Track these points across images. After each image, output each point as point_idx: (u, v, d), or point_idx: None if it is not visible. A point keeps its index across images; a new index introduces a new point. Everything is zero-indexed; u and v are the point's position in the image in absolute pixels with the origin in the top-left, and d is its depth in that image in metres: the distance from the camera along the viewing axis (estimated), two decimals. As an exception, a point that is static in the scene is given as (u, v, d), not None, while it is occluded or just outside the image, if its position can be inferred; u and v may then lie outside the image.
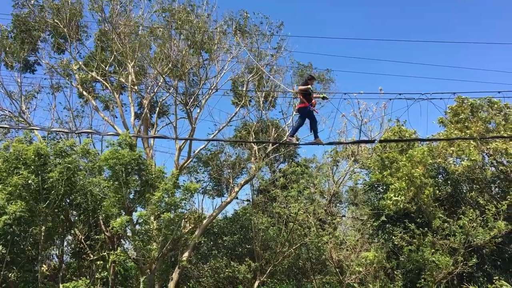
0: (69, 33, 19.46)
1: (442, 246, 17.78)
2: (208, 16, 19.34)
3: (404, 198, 18.14)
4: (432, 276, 17.36)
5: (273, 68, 21.95)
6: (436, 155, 20.19)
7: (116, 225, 13.83)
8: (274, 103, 23.03)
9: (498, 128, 19.73)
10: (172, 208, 15.11)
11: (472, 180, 20.80)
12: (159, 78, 19.80)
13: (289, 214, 19.58)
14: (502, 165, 20.29)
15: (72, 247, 19.10)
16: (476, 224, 17.69)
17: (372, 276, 18.84)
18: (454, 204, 20.28)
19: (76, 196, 15.45)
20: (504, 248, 18.67)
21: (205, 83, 20.03)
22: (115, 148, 14.53)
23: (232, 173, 22.83)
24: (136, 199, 15.38)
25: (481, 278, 18.40)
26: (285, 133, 22.10)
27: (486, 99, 20.33)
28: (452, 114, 20.89)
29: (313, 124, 12.67)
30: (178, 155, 20.17)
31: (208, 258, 21.14)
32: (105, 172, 15.69)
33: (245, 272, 19.18)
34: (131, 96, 20.54)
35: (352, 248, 19.31)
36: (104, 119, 20.64)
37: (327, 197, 22.66)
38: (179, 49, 19.06)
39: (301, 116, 12.64)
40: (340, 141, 14.17)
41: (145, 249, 14.89)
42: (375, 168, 20.51)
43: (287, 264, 20.52)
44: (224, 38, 19.89)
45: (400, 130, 20.21)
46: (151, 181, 15.17)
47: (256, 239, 19.72)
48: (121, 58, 19.86)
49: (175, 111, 20.64)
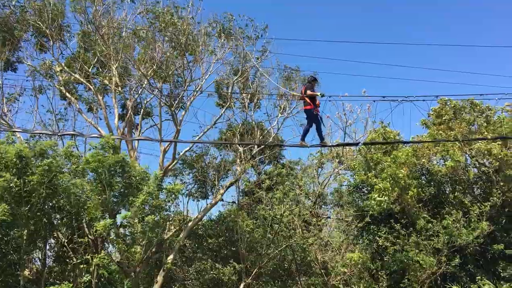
0: (52, 34, 19.23)
1: (426, 247, 17.95)
2: (192, 18, 19.28)
3: (388, 198, 18.29)
4: (416, 277, 17.52)
5: (259, 70, 21.98)
6: (420, 156, 20.39)
7: (99, 227, 13.71)
8: (259, 105, 23.05)
9: (480, 130, 20.02)
10: (156, 211, 15.02)
11: (455, 181, 21.05)
12: (143, 80, 19.67)
13: (275, 216, 19.60)
14: (484, 166, 20.57)
15: (55, 250, 18.85)
16: (459, 225, 17.91)
17: (357, 277, 18.95)
18: (437, 205, 20.47)
19: (59, 199, 15.24)
20: (487, 248, 18.89)
21: (190, 85, 19.95)
22: (96, 151, 14.39)
23: (217, 175, 22.77)
24: (120, 201, 15.26)
25: (464, 278, 18.58)
26: (270, 135, 22.13)
27: (468, 101, 20.62)
28: (435, 116, 21.14)
29: (319, 127, 12.92)
30: (163, 157, 20.06)
31: (193, 261, 21.05)
32: (88, 174, 15.53)
33: (230, 275, 19.15)
34: (115, 97, 20.37)
35: (337, 249, 19.42)
36: (88, 121, 20.44)
37: (312, 198, 22.75)
38: (163, 51, 18.96)
39: (308, 118, 12.95)
40: (325, 144, 14.22)
41: (129, 252, 14.77)
42: (360, 170, 20.64)
43: (272, 266, 20.54)
44: (209, 40, 19.84)
45: (385, 131, 20.39)
46: (135, 184, 15.06)
47: (241, 241, 19.69)
48: (105, 60, 19.69)
49: (160, 113, 20.54)
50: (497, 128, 19.63)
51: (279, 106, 21.95)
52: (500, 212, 19.92)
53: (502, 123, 19.78)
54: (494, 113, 20.88)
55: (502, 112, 20.96)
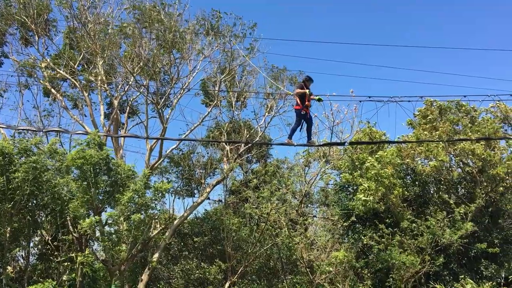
0: (37, 29, 18.99)
1: (410, 246, 18.13)
2: (179, 15, 19.17)
3: (373, 198, 18.42)
4: (400, 275, 17.68)
5: (246, 69, 21.97)
6: (405, 155, 20.57)
7: (84, 225, 13.59)
8: (246, 103, 23.06)
9: (465, 130, 20.26)
10: (142, 209, 14.94)
11: (439, 181, 21.28)
12: (129, 77, 19.52)
13: (261, 214, 19.62)
14: (468, 166, 20.82)
15: (39, 248, 18.67)
16: (443, 224, 18.12)
17: (342, 275, 19.05)
18: (422, 205, 20.68)
19: (43, 196, 15.09)
20: (470, 248, 19.14)
21: (176, 82, 19.86)
22: (82, 148, 14.25)
23: (204, 173, 22.72)
24: (105, 199, 15.13)
25: (447, 277, 18.81)
26: (258, 134, 22.14)
27: (454, 101, 20.86)
28: (421, 116, 21.34)
29: (307, 126, 13.14)
30: (149, 155, 19.96)
31: (178, 259, 20.97)
32: (73, 172, 15.38)
33: (216, 273, 19.13)
34: (101, 94, 20.20)
35: (323, 248, 19.49)
36: (73, 118, 20.23)
37: (298, 197, 22.79)
38: (150, 48, 18.84)
39: (297, 117, 13.04)
40: (312, 143, 14.31)
41: (114, 250, 14.67)
42: (346, 169, 20.75)
43: (258, 264, 20.57)
44: (196, 38, 19.76)
45: (371, 131, 20.52)
46: (121, 181, 14.95)
47: (227, 239, 19.68)
48: (90, 56, 19.50)
49: (146, 110, 20.42)
50: (481, 129, 19.89)
51: (266, 105, 21.97)
52: (483, 212, 20.21)
53: (486, 124, 20.05)
54: (479, 114, 21.15)
55: (486, 113, 21.25)
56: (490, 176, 19.59)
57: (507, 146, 20.88)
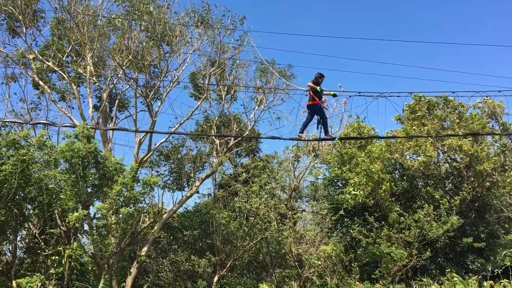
0: (25, 20, 18.71)
1: (398, 240, 18.32)
2: (168, 7, 19.02)
3: (363, 192, 18.56)
4: (387, 269, 17.87)
5: (236, 62, 21.88)
6: (393, 150, 20.72)
7: (72, 219, 13.48)
8: (236, 97, 22.99)
9: (452, 126, 20.44)
10: (131, 202, 14.86)
11: (427, 176, 21.49)
12: (118, 69, 19.35)
13: (250, 208, 19.66)
14: (455, 161, 21.04)
15: (26, 242, 18.49)
16: (430, 219, 18.32)
17: (330, 269, 19.21)
18: (409, 199, 20.89)
19: (31, 189, 14.94)
20: (456, 242, 19.38)
21: (166, 75, 19.71)
22: (71, 140, 14.10)
23: (194, 167, 22.65)
24: (93, 193, 15.03)
25: (434, 271, 19.04)
26: (247, 127, 22.09)
27: (442, 97, 21.01)
28: (410, 111, 21.48)
29: (322, 121, 13.15)
30: (138, 148, 19.82)
31: (167, 253, 20.95)
32: (61, 165, 15.24)
33: (205, 267, 19.13)
34: (89, 87, 19.99)
35: (311, 242, 19.60)
36: (61, 110, 20.01)
37: (288, 192, 22.87)
38: (139, 41, 18.67)
39: (310, 112, 13.17)
40: (301, 138, 14.35)
41: (102, 243, 14.59)
42: (335, 164, 20.86)
43: (247, 258, 20.62)
44: (186, 30, 19.63)
45: (359, 126, 20.63)
46: (109, 175, 14.84)
47: (217, 233, 19.69)
48: (79, 48, 19.28)
49: (135, 103, 20.27)
50: (469, 125, 20.08)
51: (256, 99, 21.93)
52: (470, 207, 20.46)
53: (473, 119, 20.25)
54: (466, 110, 21.34)
55: (474, 109, 21.45)
56: (477, 171, 19.84)
57: (493, 141, 21.14)
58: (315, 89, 12.67)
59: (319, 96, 12.83)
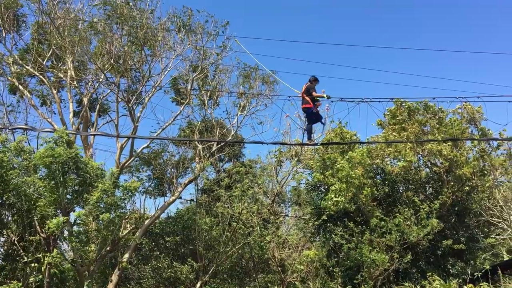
0: (4, 24, 18.44)
1: (379, 244, 18.45)
2: (151, 12, 18.92)
3: (344, 198, 18.66)
4: (369, 273, 17.98)
5: (219, 67, 21.88)
6: (374, 156, 20.90)
7: (52, 225, 13.26)
8: (219, 102, 22.97)
9: (432, 131, 20.73)
10: (112, 208, 14.69)
11: (408, 180, 21.72)
12: (99, 74, 19.17)
13: (233, 214, 19.61)
14: (435, 166, 21.31)
15: (5, 249, 18.13)
16: (410, 222, 18.52)
17: (313, 274, 19.25)
18: (391, 204, 21.08)
19: (9, 195, 14.66)
20: (437, 246, 19.60)
21: (148, 80, 19.60)
22: (51, 146, 13.89)
23: (176, 172, 22.51)
24: (73, 199, 14.82)
25: (416, 274, 19.23)
26: (230, 133, 22.07)
27: (422, 103, 21.31)
28: (391, 116, 21.74)
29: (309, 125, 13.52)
30: (120, 153, 19.61)
31: (149, 259, 20.74)
32: (40, 171, 15.00)
33: (188, 273, 19.00)
34: (70, 92, 19.76)
35: (294, 247, 19.63)
36: (41, 115, 19.72)
37: (270, 196, 22.87)
38: (121, 45, 18.53)
39: (307, 116, 13.46)
40: (284, 142, 14.44)
41: (83, 250, 14.39)
42: (317, 169, 20.95)
43: (230, 263, 20.53)
44: (168, 35, 19.55)
45: (342, 131, 20.77)
46: (90, 181, 14.66)
47: (199, 239, 19.57)
48: (60, 53, 19.05)
49: (117, 108, 20.05)
50: (449, 130, 20.39)
51: (238, 104, 21.94)
52: (450, 211, 20.73)
53: (453, 125, 20.57)
54: (446, 115, 21.67)
55: (453, 115, 21.80)
56: (456, 176, 20.12)
57: (472, 146, 21.50)
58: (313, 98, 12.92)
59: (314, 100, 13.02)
